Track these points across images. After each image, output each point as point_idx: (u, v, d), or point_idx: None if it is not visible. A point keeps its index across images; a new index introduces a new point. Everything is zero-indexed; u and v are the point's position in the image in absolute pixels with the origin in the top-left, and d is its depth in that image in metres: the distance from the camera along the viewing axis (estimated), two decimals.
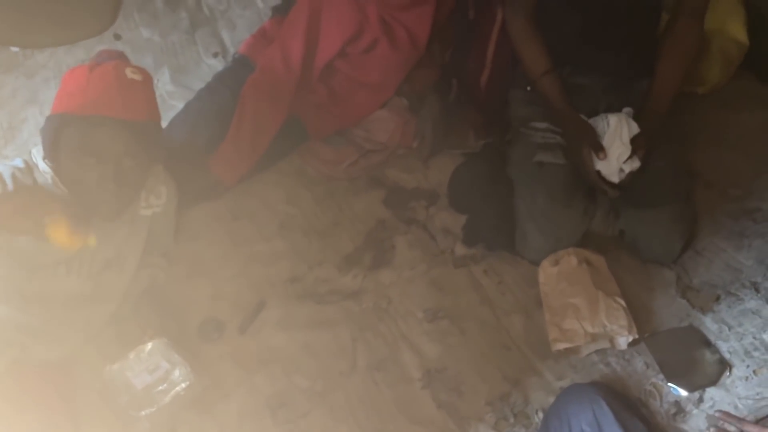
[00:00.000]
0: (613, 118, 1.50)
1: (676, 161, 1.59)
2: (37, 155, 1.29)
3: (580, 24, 1.57)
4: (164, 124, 1.68)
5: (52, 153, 1.27)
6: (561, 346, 1.42)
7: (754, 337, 1.43)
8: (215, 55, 2.09)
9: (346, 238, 1.67)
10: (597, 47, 1.60)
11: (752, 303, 1.49)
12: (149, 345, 1.32)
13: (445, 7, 1.82)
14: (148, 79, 1.32)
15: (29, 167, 1.27)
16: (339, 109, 1.79)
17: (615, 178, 1.48)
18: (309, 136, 1.80)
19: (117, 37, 2.09)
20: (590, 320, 1.42)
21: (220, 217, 1.67)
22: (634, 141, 1.48)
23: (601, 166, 1.49)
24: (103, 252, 1.33)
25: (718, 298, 1.52)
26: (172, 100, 1.90)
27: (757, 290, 1.52)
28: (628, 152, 1.47)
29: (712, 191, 1.72)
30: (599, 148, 1.48)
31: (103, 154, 1.23)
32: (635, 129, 1.49)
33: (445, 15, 1.82)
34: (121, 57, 1.33)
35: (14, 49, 2.01)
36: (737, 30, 1.88)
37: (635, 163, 1.47)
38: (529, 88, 1.66)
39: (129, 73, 1.28)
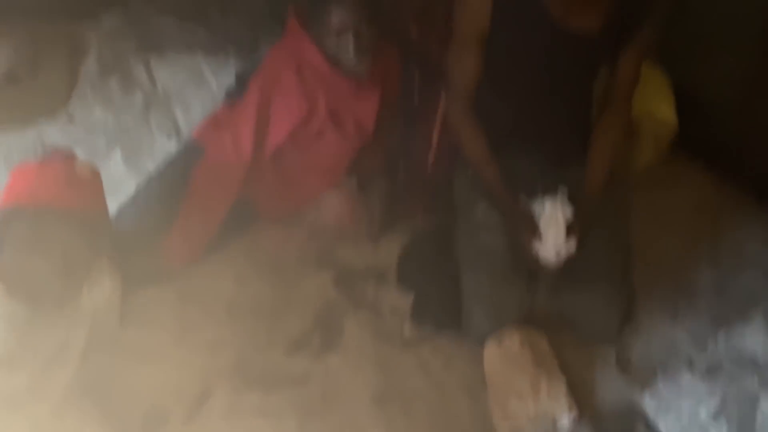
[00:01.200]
0: (548, 203, 1.57)
1: (612, 240, 1.66)
2: None
3: (513, 114, 1.66)
4: (114, 207, 1.71)
5: None
6: (504, 428, 1.44)
7: (691, 415, 1.48)
8: (168, 136, 2.12)
9: (294, 321, 1.68)
10: (532, 135, 1.68)
11: (687, 379, 1.54)
12: None
13: (391, 93, 1.90)
14: (97, 174, 1.35)
15: None
16: (289, 192, 1.83)
17: (552, 261, 1.54)
18: (259, 217, 1.83)
19: (70, 118, 2.11)
20: (533, 401, 1.45)
21: (167, 301, 1.67)
22: (569, 226, 1.55)
23: (538, 248, 1.55)
24: (44, 348, 1.32)
25: (656, 375, 1.57)
26: (123, 182, 1.91)
27: (692, 366, 1.58)
28: (563, 236, 1.53)
29: (647, 268, 1.79)
30: (535, 232, 1.55)
31: (51, 245, 1.24)
32: (569, 213, 1.56)
33: (391, 101, 1.90)
34: (69, 155, 1.36)
35: None
36: (665, 111, 2.00)
37: (570, 247, 1.54)
38: (470, 172, 1.73)
39: (78, 168, 1.31)
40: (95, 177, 1.33)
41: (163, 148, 2.08)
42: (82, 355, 1.41)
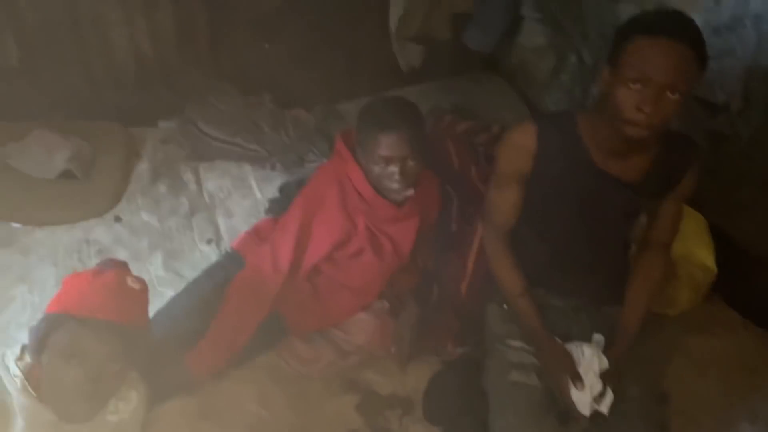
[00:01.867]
0: (587, 350, 1.55)
1: (649, 388, 1.61)
2: (10, 358, 1.31)
3: (549, 251, 1.67)
4: (150, 311, 1.72)
5: (36, 350, 1.28)
6: None
7: None
8: (209, 241, 2.17)
9: None
10: (568, 273, 1.68)
11: None
12: None
13: (429, 220, 1.94)
14: (145, 289, 1.39)
15: None
16: (321, 309, 1.84)
17: (587, 411, 1.50)
18: (288, 332, 1.83)
19: (117, 219, 2.18)
20: None
21: (188, 414, 1.64)
22: (605, 376, 1.52)
23: (574, 395, 1.51)
24: None
25: None
26: (161, 287, 1.94)
27: None
28: (599, 387, 1.50)
29: (682, 418, 1.72)
30: (578, 378, 1.52)
31: (89, 355, 1.26)
32: (605, 363, 1.53)
33: (429, 227, 1.94)
34: (123, 266, 1.40)
35: (15, 225, 2.08)
36: (704, 256, 1.99)
37: (607, 400, 1.50)
38: (505, 306, 1.72)
39: (129, 281, 1.35)
40: (143, 291, 1.37)
41: (203, 254, 2.12)
42: None
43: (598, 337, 1.59)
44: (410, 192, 1.78)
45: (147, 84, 2.55)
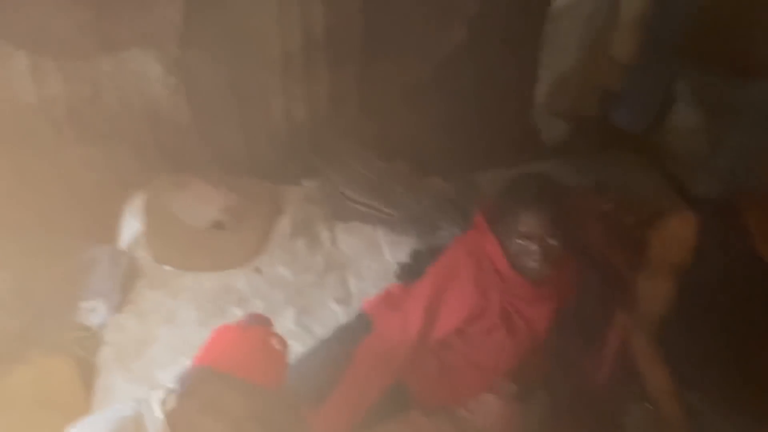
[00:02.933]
0: None
1: None
2: (155, 401, 1.37)
3: (704, 352, 1.53)
4: None
5: (181, 400, 1.34)
6: None
7: None
8: (339, 301, 2.21)
9: None
10: (723, 379, 1.52)
11: None
12: None
13: (567, 304, 1.84)
14: (286, 351, 1.42)
15: (138, 416, 1.34)
16: (448, 384, 1.79)
17: None
18: (412, 404, 1.79)
19: (257, 270, 2.28)
20: None
21: None
22: None
23: None
24: None
25: None
26: (291, 341, 1.97)
27: None
28: None
29: None
30: None
31: (230, 413, 1.30)
32: None
33: (566, 311, 1.84)
34: (267, 323, 1.45)
35: (167, 267, 2.24)
36: None
37: None
38: (648, 406, 1.59)
39: (274, 342, 1.39)
40: (284, 351, 1.40)
41: (333, 312, 2.16)
42: None
43: None
44: (548, 270, 1.71)
45: (296, 146, 2.70)
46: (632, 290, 1.62)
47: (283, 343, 1.41)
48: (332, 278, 2.30)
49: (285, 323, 2.09)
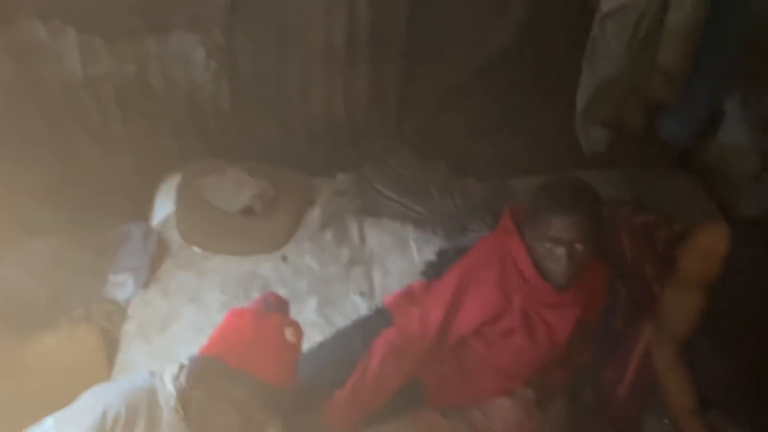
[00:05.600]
0: None
1: None
2: (168, 376, 1.38)
3: (731, 370, 1.47)
4: None
5: (191, 383, 1.35)
6: None
7: None
8: (362, 294, 2.20)
9: None
10: (750, 400, 1.46)
11: None
12: None
13: (593, 312, 1.80)
14: (300, 342, 1.43)
15: (151, 388, 1.35)
16: (463, 385, 1.77)
17: None
18: (426, 402, 1.77)
19: (284, 258, 2.30)
20: None
21: None
22: None
23: None
24: None
25: None
26: (310, 330, 1.97)
27: None
28: None
29: None
30: None
31: (240, 406, 1.31)
32: None
33: (591, 320, 1.80)
34: (284, 307, 1.45)
35: (196, 249, 2.28)
36: None
37: None
38: (666, 422, 1.53)
39: (288, 334, 1.39)
40: (298, 344, 1.41)
41: (355, 305, 2.15)
42: None
43: None
44: (575, 277, 1.67)
45: (334, 140, 2.71)
46: (660, 304, 1.56)
47: (299, 332, 1.40)
48: (357, 272, 2.30)
49: (306, 313, 2.10)
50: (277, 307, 1.44)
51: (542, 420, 1.71)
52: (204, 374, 1.33)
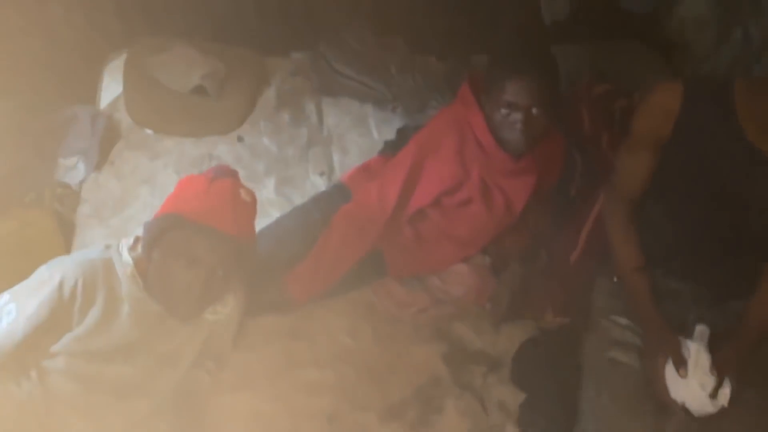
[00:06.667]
0: (693, 345, 1.41)
1: (760, 405, 1.44)
2: (124, 246, 1.37)
3: (677, 230, 1.52)
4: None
5: (149, 247, 1.34)
6: None
7: None
8: (321, 174, 2.19)
9: (396, 387, 1.62)
10: (692, 258, 1.52)
11: None
12: None
13: (549, 180, 1.83)
14: (254, 202, 1.41)
15: (107, 260, 1.34)
16: (422, 254, 1.80)
17: (710, 408, 1.37)
18: (387, 272, 1.81)
19: (240, 139, 2.25)
20: None
21: (280, 333, 1.68)
22: (721, 367, 1.37)
23: (685, 395, 1.38)
24: (162, 347, 1.37)
25: None
26: (270, 208, 1.99)
27: None
28: (712, 382, 1.36)
29: None
30: (681, 362, 1.39)
31: (201, 260, 1.31)
32: (706, 360, 1.40)
33: (547, 188, 1.83)
34: (235, 176, 1.43)
35: (148, 131, 2.20)
36: None
37: (726, 390, 1.36)
38: (616, 280, 1.60)
39: (242, 194, 1.37)
40: (253, 204, 1.40)
41: (314, 185, 2.14)
42: (192, 363, 1.45)
43: (701, 329, 1.44)
44: (531, 144, 1.67)
45: (286, 15, 2.58)
46: (614, 169, 1.59)
47: (251, 195, 1.39)
48: (316, 152, 2.27)
49: (265, 192, 2.08)
50: (227, 174, 1.42)
51: (497, 284, 1.77)
52: (161, 234, 1.32)
